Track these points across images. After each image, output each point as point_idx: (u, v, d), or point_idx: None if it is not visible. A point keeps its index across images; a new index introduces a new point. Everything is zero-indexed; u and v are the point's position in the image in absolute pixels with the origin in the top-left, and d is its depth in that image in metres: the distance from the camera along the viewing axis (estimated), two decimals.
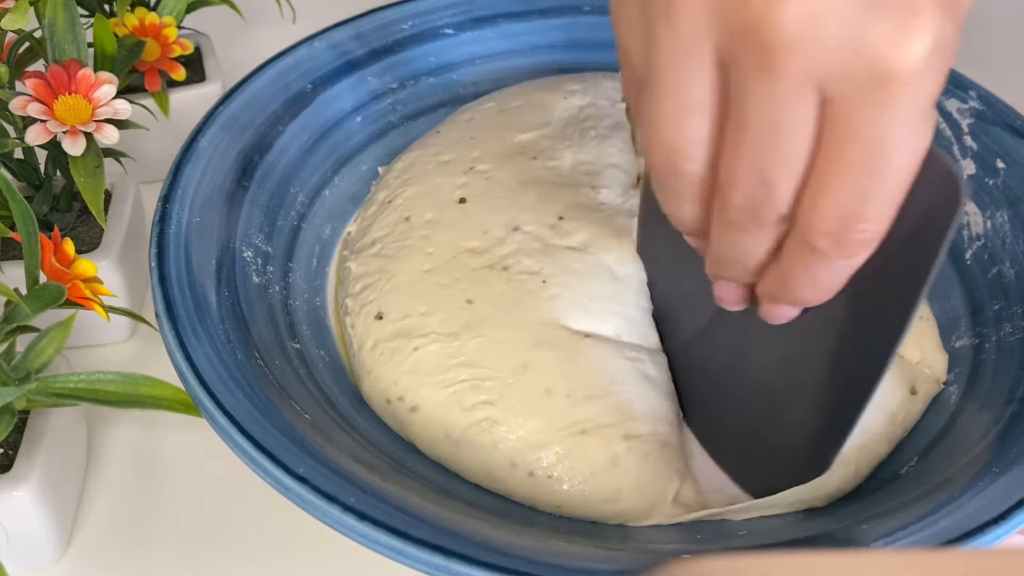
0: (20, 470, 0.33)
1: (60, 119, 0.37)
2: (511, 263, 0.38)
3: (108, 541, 0.36)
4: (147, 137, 0.43)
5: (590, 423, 0.34)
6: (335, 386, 0.37)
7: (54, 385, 0.33)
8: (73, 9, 0.39)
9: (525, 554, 0.29)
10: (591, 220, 0.39)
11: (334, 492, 0.29)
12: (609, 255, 0.38)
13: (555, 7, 0.50)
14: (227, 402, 0.31)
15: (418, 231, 0.40)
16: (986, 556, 0.17)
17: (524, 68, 0.49)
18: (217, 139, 0.41)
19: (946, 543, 0.30)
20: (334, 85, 0.46)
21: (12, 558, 0.33)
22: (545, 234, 0.39)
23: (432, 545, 0.28)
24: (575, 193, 0.40)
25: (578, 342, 0.36)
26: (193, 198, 0.38)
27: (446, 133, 0.45)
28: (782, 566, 0.16)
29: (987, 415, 0.36)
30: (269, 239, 0.40)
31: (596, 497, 0.33)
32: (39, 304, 0.32)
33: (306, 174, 0.43)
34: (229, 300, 0.36)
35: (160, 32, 0.45)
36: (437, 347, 0.36)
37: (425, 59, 0.48)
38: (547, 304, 0.37)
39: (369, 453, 0.33)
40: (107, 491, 0.37)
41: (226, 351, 0.34)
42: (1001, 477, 0.32)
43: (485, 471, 0.34)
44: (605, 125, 0.44)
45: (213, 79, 0.49)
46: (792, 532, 0.33)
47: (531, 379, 0.35)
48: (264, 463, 0.30)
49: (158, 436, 0.39)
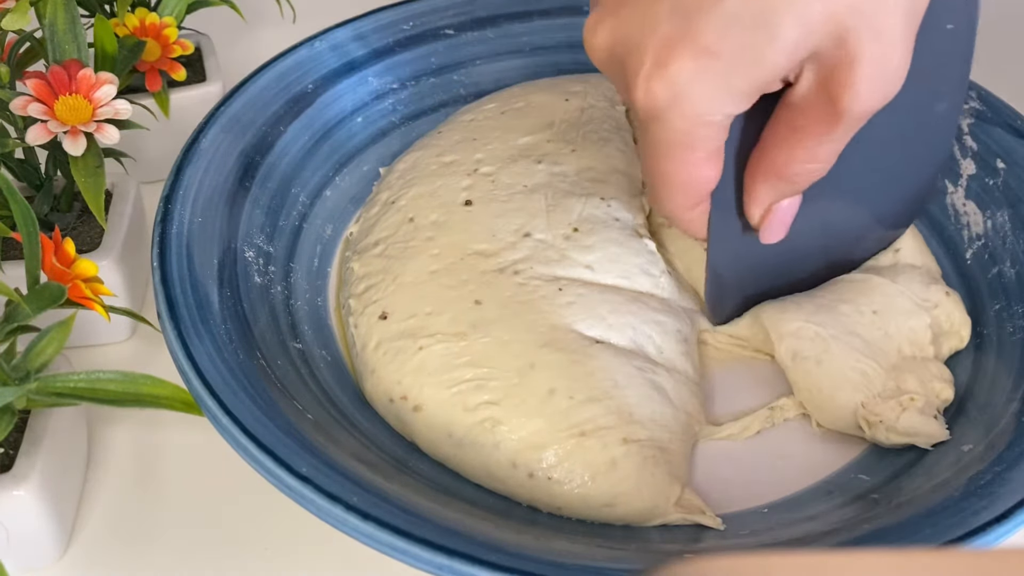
0: (20, 469, 0.33)
1: (61, 119, 0.37)
2: (523, 268, 0.38)
3: (108, 540, 0.36)
4: (147, 137, 0.43)
5: (590, 424, 0.34)
6: (337, 386, 0.37)
7: (54, 385, 0.32)
8: (73, 9, 0.39)
9: (528, 553, 0.29)
10: (608, 239, 0.39)
11: (337, 491, 0.29)
12: (631, 279, 0.38)
13: (555, 7, 0.50)
14: (230, 402, 0.31)
15: (423, 232, 0.40)
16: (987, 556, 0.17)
17: (524, 69, 0.49)
18: (218, 139, 0.41)
19: (947, 543, 0.30)
20: (335, 85, 0.46)
21: (12, 557, 0.33)
22: (561, 244, 0.39)
23: (435, 544, 0.28)
24: (585, 203, 0.40)
25: (587, 346, 0.36)
26: (195, 198, 0.38)
27: (447, 134, 0.45)
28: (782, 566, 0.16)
29: (988, 414, 0.36)
30: (271, 239, 0.40)
31: (595, 500, 0.33)
32: (39, 304, 0.32)
33: (307, 174, 0.43)
34: (231, 300, 0.36)
35: (160, 32, 0.45)
36: (443, 347, 0.36)
37: (426, 59, 0.48)
38: (561, 310, 0.37)
39: (371, 453, 0.33)
40: (107, 491, 0.37)
41: (228, 351, 0.34)
42: (1003, 477, 0.32)
43: (486, 471, 0.34)
44: (607, 128, 0.44)
45: (214, 79, 0.49)
46: (792, 532, 0.33)
47: (536, 380, 0.35)
48: (267, 463, 0.30)
49: (158, 436, 0.39)
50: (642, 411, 0.35)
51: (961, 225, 0.42)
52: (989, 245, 0.41)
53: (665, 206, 0.33)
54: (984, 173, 0.42)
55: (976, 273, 0.41)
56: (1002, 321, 0.39)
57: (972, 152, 0.43)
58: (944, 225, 0.43)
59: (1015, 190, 0.41)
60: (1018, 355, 0.37)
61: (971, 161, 0.43)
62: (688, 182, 0.32)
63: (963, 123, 0.44)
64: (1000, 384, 0.37)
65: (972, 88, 0.44)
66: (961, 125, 0.44)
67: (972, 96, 0.44)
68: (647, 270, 0.39)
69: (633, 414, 0.34)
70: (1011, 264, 0.40)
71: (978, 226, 0.42)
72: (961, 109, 0.38)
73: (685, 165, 0.31)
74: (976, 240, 0.42)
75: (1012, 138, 0.42)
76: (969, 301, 0.40)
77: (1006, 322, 0.39)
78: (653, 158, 0.32)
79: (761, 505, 0.35)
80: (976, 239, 0.42)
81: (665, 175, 0.32)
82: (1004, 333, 0.39)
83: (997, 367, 0.37)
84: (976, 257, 0.41)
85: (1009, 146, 0.42)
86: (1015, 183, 0.41)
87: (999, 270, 0.40)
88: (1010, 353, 0.38)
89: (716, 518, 0.34)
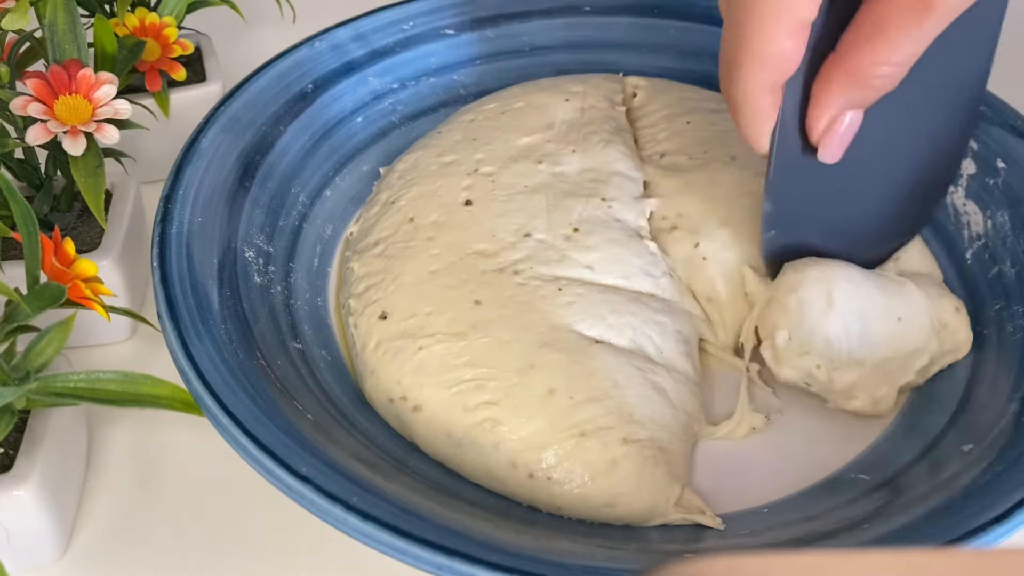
0: (20, 470, 0.33)
1: (60, 119, 0.37)
2: (523, 268, 0.38)
3: (108, 540, 0.36)
4: (147, 137, 0.43)
5: (590, 424, 0.34)
6: (337, 386, 0.37)
7: (54, 384, 0.32)
8: (73, 9, 0.39)
9: (528, 553, 0.29)
10: (609, 239, 0.39)
11: (337, 492, 0.29)
12: (631, 280, 0.38)
13: (555, 7, 0.50)
14: (230, 402, 0.31)
15: (423, 232, 0.40)
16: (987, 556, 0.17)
17: (525, 69, 0.49)
18: (218, 139, 0.41)
19: (947, 543, 0.30)
20: (335, 85, 0.46)
21: (12, 557, 0.33)
22: (561, 244, 0.39)
23: (435, 544, 0.28)
24: (586, 204, 0.40)
25: (587, 346, 0.36)
26: (195, 198, 0.38)
27: (448, 134, 0.45)
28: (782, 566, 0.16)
29: (988, 414, 0.36)
30: (271, 239, 0.40)
31: (595, 500, 0.33)
32: (39, 304, 0.31)
33: (307, 174, 0.43)
34: (231, 300, 0.36)
35: (160, 32, 0.45)
36: (443, 347, 0.36)
37: (426, 59, 0.48)
38: (561, 310, 0.37)
39: (371, 453, 0.33)
40: (107, 491, 0.37)
41: (228, 351, 0.34)
42: (1003, 477, 0.32)
43: (486, 472, 0.34)
44: (607, 129, 0.44)
45: (213, 79, 0.49)
46: (792, 532, 0.33)
47: (535, 380, 0.35)
48: (267, 463, 0.30)
49: (158, 436, 0.39)
50: (642, 411, 0.35)
51: (961, 225, 0.42)
52: (989, 245, 0.41)
53: (740, 85, 0.33)
54: (984, 173, 0.42)
55: (976, 273, 0.41)
56: (1002, 321, 0.39)
57: (972, 152, 0.43)
58: (944, 225, 0.43)
59: (1015, 190, 0.41)
60: (1018, 355, 0.37)
61: (971, 161, 0.43)
62: (771, 54, 0.32)
63: None
64: (1000, 384, 0.37)
65: None
66: None
67: None
68: (648, 271, 0.39)
69: (633, 414, 0.34)
70: (1011, 264, 0.40)
71: (978, 226, 0.42)
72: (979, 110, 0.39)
73: (770, 33, 0.32)
74: (976, 240, 0.42)
75: (1012, 138, 0.42)
76: (969, 301, 0.40)
77: (1006, 322, 0.39)
78: (737, 24, 0.32)
79: (761, 505, 0.35)
80: (976, 239, 0.42)
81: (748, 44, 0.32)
82: (1004, 333, 0.39)
83: (997, 367, 0.37)
84: (976, 257, 0.41)
85: (1009, 146, 0.42)
86: (1015, 183, 0.41)
87: (999, 270, 0.40)
88: (1010, 353, 0.38)
89: (716, 518, 0.34)
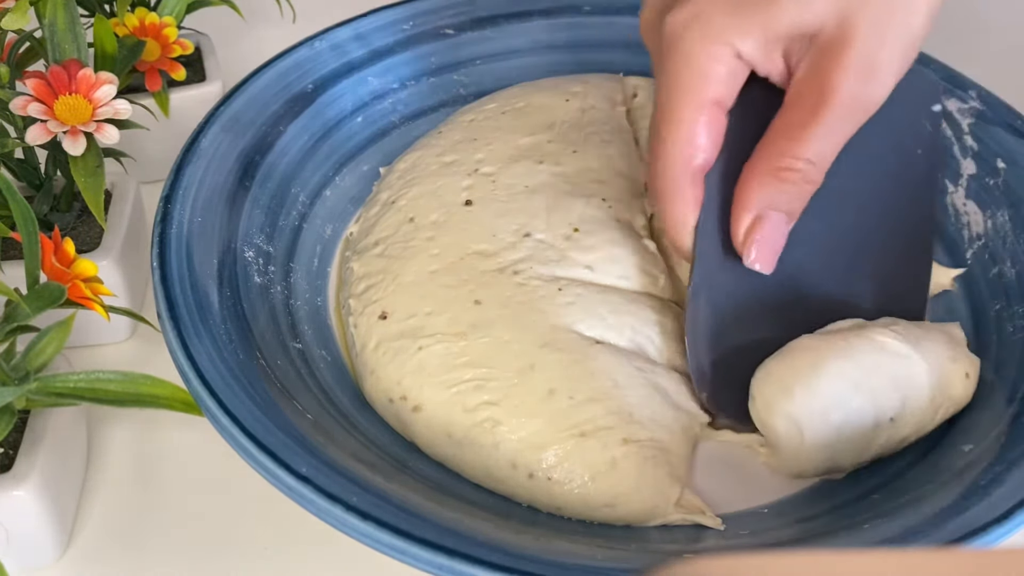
0: (20, 470, 0.33)
1: (60, 119, 0.37)
2: (523, 268, 0.38)
3: (108, 541, 0.36)
4: (147, 137, 0.43)
5: (590, 425, 0.34)
6: (337, 386, 0.37)
7: (54, 384, 0.33)
8: (73, 9, 0.39)
9: (528, 553, 0.29)
10: (609, 239, 0.39)
11: (337, 492, 0.29)
12: (631, 280, 0.38)
13: (555, 7, 0.50)
14: (229, 402, 0.31)
15: (423, 232, 0.40)
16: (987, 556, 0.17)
17: (525, 69, 0.49)
18: (218, 139, 0.41)
19: (948, 543, 0.30)
20: (335, 85, 0.46)
21: (12, 557, 0.33)
22: (561, 244, 0.39)
23: (435, 544, 0.28)
24: (586, 204, 0.40)
25: (588, 347, 0.36)
26: (195, 198, 0.38)
27: (448, 134, 0.45)
28: (782, 566, 0.16)
29: (988, 415, 0.36)
30: (270, 239, 0.40)
31: (596, 501, 0.33)
32: (39, 304, 0.32)
33: (307, 174, 0.43)
34: (231, 300, 0.36)
35: (160, 32, 0.45)
36: (442, 347, 0.36)
37: (426, 59, 0.48)
38: (561, 310, 0.37)
39: (371, 453, 0.33)
40: (107, 491, 0.37)
41: (228, 351, 0.34)
42: (1003, 477, 0.32)
43: (486, 472, 0.34)
44: (608, 129, 0.44)
45: (213, 79, 0.49)
46: (792, 532, 0.33)
47: (535, 380, 0.35)
48: (267, 463, 0.30)
49: (158, 436, 0.39)
50: (642, 411, 0.35)
51: (961, 225, 0.42)
52: (989, 245, 0.41)
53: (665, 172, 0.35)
54: (984, 173, 0.42)
55: (976, 273, 0.41)
56: (1002, 321, 0.39)
57: (972, 152, 0.43)
58: (944, 225, 0.43)
59: (1015, 190, 0.41)
60: (1018, 355, 0.37)
61: (971, 161, 0.43)
62: (691, 134, 0.34)
63: (963, 123, 0.44)
64: (1000, 385, 0.37)
65: (972, 88, 0.44)
66: (961, 124, 0.44)
67: (972, 96, 0.44)
68: (648, 271, 0.39)
69: (633, 414, 0.34)
70: (1011, 264, 0.40)
71: (978, 226, 0.42)
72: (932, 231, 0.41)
73: (691, 105, 0.34)
74: (976, 240, 0.42)
75: (1012, 138, 0.42)
76: (969, 301, 0.40)
77: (1006, 322, 0.39)
78: (664, 93, 0.34)
79: (761, 505, 0.35)
80: (976, 239, 0.42)
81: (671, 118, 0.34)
82: (1004, 333, 0.39)
83: (997, 367, 0.37)
84: (976, 257, 0.41)
85: (1009, 146, 0.42)
86: (1015, 183, 0.41)
87: (999, 270, 0.40)
88: (1010, 353, 0.38)
89: (716, 518, 0.34)
